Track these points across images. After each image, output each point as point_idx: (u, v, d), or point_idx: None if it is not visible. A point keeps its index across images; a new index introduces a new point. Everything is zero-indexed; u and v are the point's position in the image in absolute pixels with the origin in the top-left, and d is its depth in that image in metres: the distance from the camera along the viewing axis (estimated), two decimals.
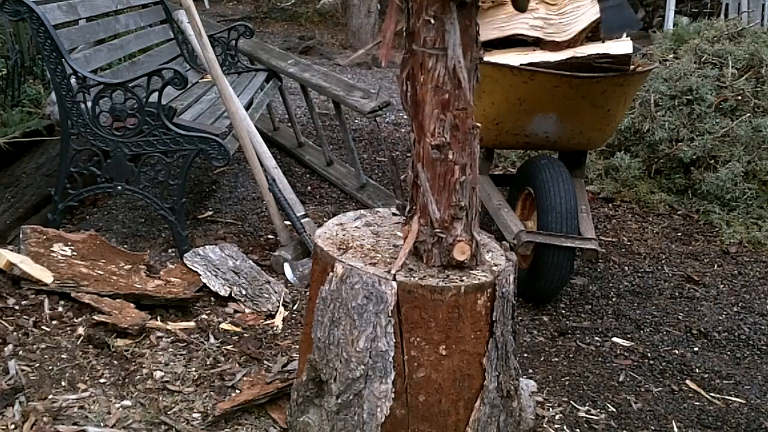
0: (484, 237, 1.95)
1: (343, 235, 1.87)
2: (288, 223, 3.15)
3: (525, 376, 2.31)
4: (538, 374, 2.49)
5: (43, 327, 2.28)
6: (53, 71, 2.90)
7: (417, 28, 1.62)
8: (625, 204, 4.20)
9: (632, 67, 2.87)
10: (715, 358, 2.71)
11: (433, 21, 1.58)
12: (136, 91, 2.88)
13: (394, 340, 1.66)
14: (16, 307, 2.33)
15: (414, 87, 1.67)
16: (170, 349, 2.32)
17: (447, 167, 1.67)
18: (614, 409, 2.33)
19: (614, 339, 2.80)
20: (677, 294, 3.22)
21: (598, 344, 2.75)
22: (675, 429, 2.27)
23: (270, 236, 3.36)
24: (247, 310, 2.64)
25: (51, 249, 2.59)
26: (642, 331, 2.87)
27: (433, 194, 1.68)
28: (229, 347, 2.38)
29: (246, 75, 4.20)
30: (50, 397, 2.00)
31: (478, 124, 1.71)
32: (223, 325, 2.51)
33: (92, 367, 2.16)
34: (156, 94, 2.86)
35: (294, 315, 2.68)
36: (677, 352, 2.73)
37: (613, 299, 3.14)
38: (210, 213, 3.62)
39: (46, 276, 2.41)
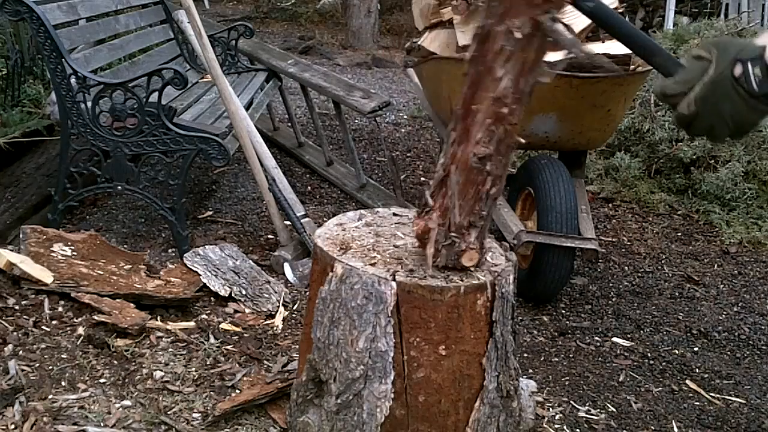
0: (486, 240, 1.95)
1: (343, 235, 1.87)
2: (288, 223, 3.15)
3: (525, 376, 2.31)
4: (538, 374, 2.49)
5: (43, 327, 2.29)
6: (53, 71, 2.90)
7: (496, 33, 1.54)
8: (625, 204, 4.20)
9: (632, 67, 2.87)
10: (715, 358, 2.71)
11: (519, 34, 1.50)
12: (136, 91, 2.88)
13: (393, 341, 1.66)
14: (16, 307, 2.33)
15: (473, 90, 1.61)
16: (170, 349, 2.32)
17: (481, 177, 1.65)
18: (614, 409, 2.33)
19: (614, 339, 2.80)
20: (677, 294, 3.22)
21: (598, 344, 2.75)
22: (675, 429, 2.27)
23: (270, 236, 3.36)
24: (247, 310, 2.64)
25: (51, 249, 2.59)
26: (642, 331, 2.87)
27: (459, 199, 1.66)
28: (229, 347, 2.38)
29: (246, 75, 4.20)
30: (50, 397, 2.00)
31: (522, 140, 1.68)
32: (223, 325, 2.52)
33: (92, 367, 2.16)
34: (156, 94, 2.86)
35: (294, 315, 2.68)
36: (677, 352, 2.73)
37: (613, 299, 3.14)
38: (210, 213, 3.62)
39: (46, 276, 2.41)
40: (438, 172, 1.71)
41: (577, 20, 2.88)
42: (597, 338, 2.79)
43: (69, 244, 2.67)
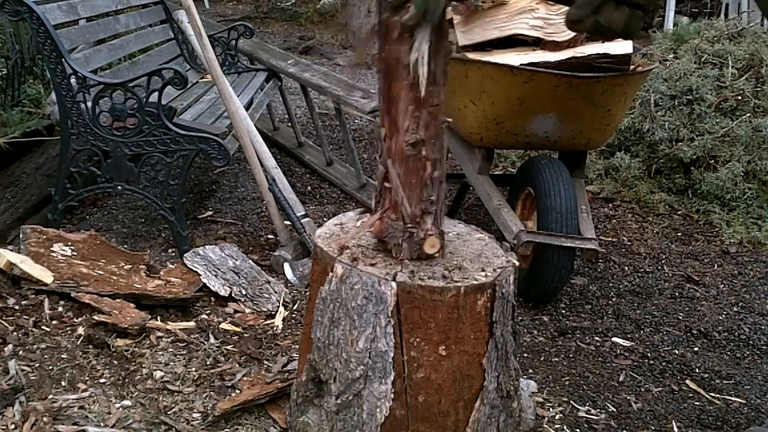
0: (485, 236, 1.95)
1: (343, 235, 1.87)
2: (288, 223, 3.15)
3: (525, 377, 2.31)
4: (538, 374, 2.49)
5: (43, 327, 2.29)
6: (53, 71, 2.90)
7: (393, 24, 1.59)
8: (625, 204, 4.20)
9: (632, 67, 2.87)
10: (715, 358, 2.71)
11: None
12: (136, 91, 2.88)
13: (393, 341, 1.66)
14: (16, 307, 2.33)
15: (388, 82, 1.66)
16: (170, 349, 2.32)
17: (420, 163, 1.67)
18: (614, 409, 2.33)
19: (614, 339, 2.80)
20: (677, 294, 3.22)
21: (598, 344, 2.75)
22: (675, 429, 2.27)
23: (270, 236, 3.36)
24: (247, 310, 2.64)
25: (51, 249, 2.59)
26: (642, 331, 2.87)
27: (404, 190, 1.69)
28: (229, 347, 2.38)
29: (246, 75, 4.20)
30: (50, 397, 2.00)
31: (449, 119, 1.71)
32: (223, 325, 2.52)
33: (92, 367, 2.16)
34: (156, 94, 2.86)
35: (294, 315, 2.68)
36: (677, 352, 2.73)
37: (613, 299, 3.14)
38: (210, 213, 3.62)
39: (46, 276, 2.41)
40: (378, 171, 1.74)
41: None
42: (597, 338, 2.79)
43: (69, 244, 2.67)
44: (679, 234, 3.88)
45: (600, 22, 1.37)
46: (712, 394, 2.47)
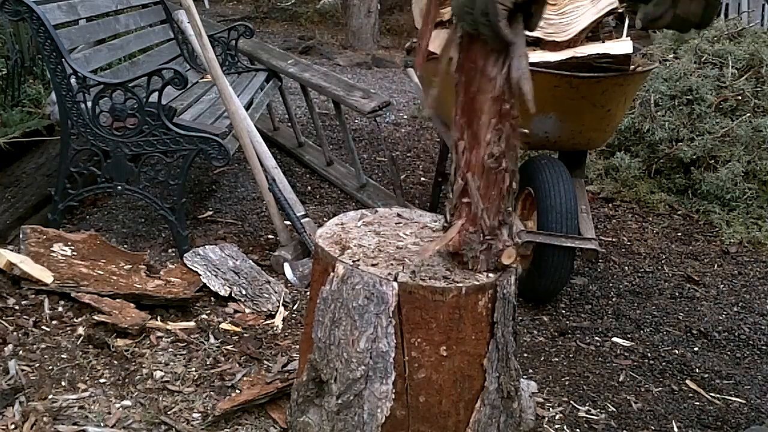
0: None
1: (344, 235, 1.87)
2: (288, 223, 3.15)
3: (525, 377, 2.31)
4: (538, 374, 2.49)
5: (43, 327, 2.28)
6: (53, 71, 2.90)
7: (474, 36, 1.57)
8: (625, 204, 4.20)
9: (632, 67, 2.87)
10: (715, 358, 2.71)
11: None
12: (136, 91, 2.88)
13: (394, 341, 1.66)
14: (16, 307, 2.33)
15: (468, 95, 1.65)
16: (170, 349, 2.32)
17: (500, 175, 1.67)
18: (614, 409, 2.33)
19: (614, 339, 2.80)
20: (677, 294, 3.22)
21: (598, 344, 2.75)
22: (675, 429, 2.27)
23: (270, 236, 3.36)
24: (247, 310, 2.64)
25: (51, 249, 2.58)
26: (642, 331, 2.87)
27: (484, 202, 1.68)
28: (229, 347, 2.38)
29: (246, 75, 4.20)
30: (50, 397, 2.00)
31: (526, 131, 1.71)
32: (223, 325, 2.51)
33: (92, 367, 2.16)
34: (156, 94, 2.86)
35: (294, 315, 2.68)
36: (677, 352, 2.73)
37: (613, 299, 3.14)
38: (210, 213, 3.62)
39: (46, 276, 2.41)
40: (455, 183, 1.72)
41: (578, 20, 2.88)
42: (597, 338, 2.79)
43: (69, 244, 2.67)
44: (679, 234, 3.88)
45: (679, 14, 1.39)
46: (712, 394, 2.47)
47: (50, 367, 2.11)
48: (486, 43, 1.57)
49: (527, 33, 1.57)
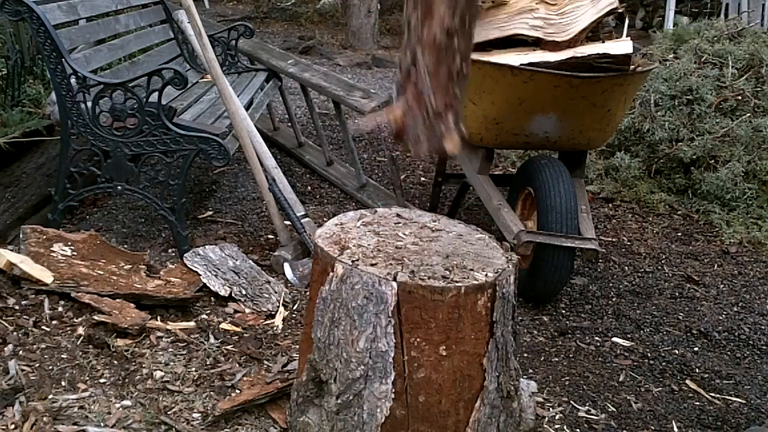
0: (485, 236, 1.95)
1: (343, 235, 1.87)
2: (288, 223, 3.15)
3: (525, 377, 2.31)
4: (538, 374, 2.49)
5: (43, 327, 2.29)
6: (53, 71, 2.90)
7: None
8: (625, 204, 4.20)
9: (632, 67, 2.87)
10: (715, 358, 2.71)
11: None
12: (136, 91, 2.88)
13: (394, 341, 1.66)
14: (16, 307, 2.33)
15: None
16: (170, 349, 2.32)
17: (451, 55, 1.58)
18: (614, 409, 2.33)
19: (614, 339, 2.80)
20: (677, 294, 3.22)
21: (598, 344, 2.75)
22: (675, 429, 2.27)
23: (270, 236, 3.36)
24: (247, 310, 2.64)
25: (51, 249, 2.59)
26: (642, 331, 2.87)
27: (432, 81, 1.59)
28: (229, 347, 2.38)
29: (246, 75, 4.20)
30: (50, 397, 2.00)
31: (483, 6, 1.63)
32: (223, 325, 2.52)
33: (92, 367, 2.16)
34: (156, 94, 2.86)
35: (294, 315, 2.68)
36: (677, 352, 2.73)
37: (613, 299, 3.14)
38: (210, 213, 3.62)
39: (46, 276, 2.41)
40: (404, 59, 1.63)
41: (578, 20, 2.89)
42: (597, 338, 2.79)
43: (69, 244, 2.67)
44: (679, 234, 3.88)
45: None
46: (712, 394, 2.47)
47: (50, 367, 2.11)
48: None
49: (527, 33, 1.54)
